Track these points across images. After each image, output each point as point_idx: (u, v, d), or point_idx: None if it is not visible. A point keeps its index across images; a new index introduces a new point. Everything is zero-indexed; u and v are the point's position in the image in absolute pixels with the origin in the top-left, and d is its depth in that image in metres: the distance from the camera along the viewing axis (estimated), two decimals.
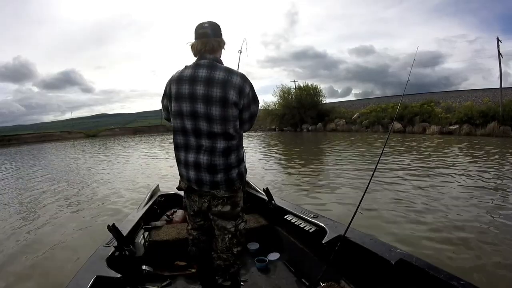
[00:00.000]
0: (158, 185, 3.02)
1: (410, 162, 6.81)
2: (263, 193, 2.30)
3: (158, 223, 2.27)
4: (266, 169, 6.95)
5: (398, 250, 1.29)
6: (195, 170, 1.25)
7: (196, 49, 1.26)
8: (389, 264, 1.23)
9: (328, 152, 9.85)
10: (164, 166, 8.14)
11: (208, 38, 1.24)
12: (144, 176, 6.84)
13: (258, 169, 6.73)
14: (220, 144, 1.22)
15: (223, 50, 1.32)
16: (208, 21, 1.28)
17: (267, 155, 9.92)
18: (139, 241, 1.93)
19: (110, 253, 1.53)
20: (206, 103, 1.19)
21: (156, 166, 8.38)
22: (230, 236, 1.31)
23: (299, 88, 24.51)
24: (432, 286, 1.08)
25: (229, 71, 1.22)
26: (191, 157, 1.25)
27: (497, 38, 13.96)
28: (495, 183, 4.71)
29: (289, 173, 6.40)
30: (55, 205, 4.78)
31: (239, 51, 1.72)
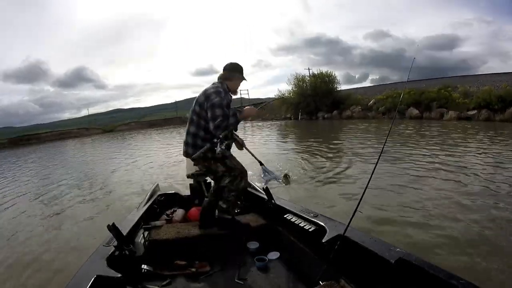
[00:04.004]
0: (158, 184, 3.04)
1: (423, 153, 6.34)
2: (263, 192, 2.30)
3: (157, 222, 2.27)
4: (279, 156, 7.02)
5: (397, 249, 1.29)
6: (184, 145, 2.10)
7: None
8: (389, 263, 1.23)
9: (340, 143, 9.45)
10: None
11: (223, 71, 2.10)
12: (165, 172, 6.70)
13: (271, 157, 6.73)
14: (193, 129, 2.03)
15: (233, 79, 2.10)
16: (231, 62, 2.12)
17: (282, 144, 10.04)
18: (139, 240, 1.94)
19: (110, 253, 1.54)
20: (195, 104, 2.03)
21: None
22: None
23: (313, 76, 23.84)
24: (432, 285, 1.08)
25: (213, 87, 2.00)
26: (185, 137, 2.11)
27: None
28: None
29: (299, 163, 6.28)
30: (68, 203, 4.83)
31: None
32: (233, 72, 2.09)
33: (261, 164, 2.31)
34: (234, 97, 2.15)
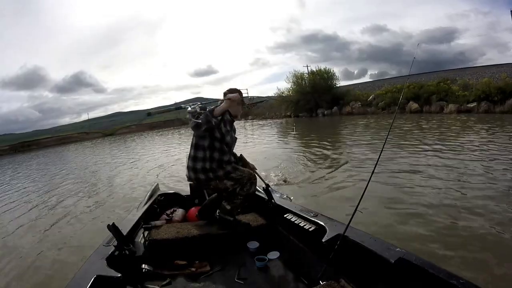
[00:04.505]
0: (157, 184, 3.05)
1: (425, 148, 6.21)
2: (263, 192, 2.30)
3: (157, 222, 2.27)
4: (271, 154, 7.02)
5: (397, 249, 1.28)
6: (186, 169, 2.19)
7: None
8: (389, 262, 1.23)
9: (340, 139, 9.46)
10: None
11: (224, 96, 2.12)
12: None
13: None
14: (192, 152, 2.09)
15: (231, 101, 2.05)
16: (231, 87, 2.17)
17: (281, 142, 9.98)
18: (139, 240, 1.94)
19: (110, 253, 1.54)
20: None
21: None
22: None
23: (312, 73, 23.86)
24: (432, 285, 1.07)
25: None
26: None
27: (511, 11, 13.39)
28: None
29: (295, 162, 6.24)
30: (65, 204, 4.84)
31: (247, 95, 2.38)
32: (232, 95, 2.09)
33: (268, 186, 2.34)
34: None
